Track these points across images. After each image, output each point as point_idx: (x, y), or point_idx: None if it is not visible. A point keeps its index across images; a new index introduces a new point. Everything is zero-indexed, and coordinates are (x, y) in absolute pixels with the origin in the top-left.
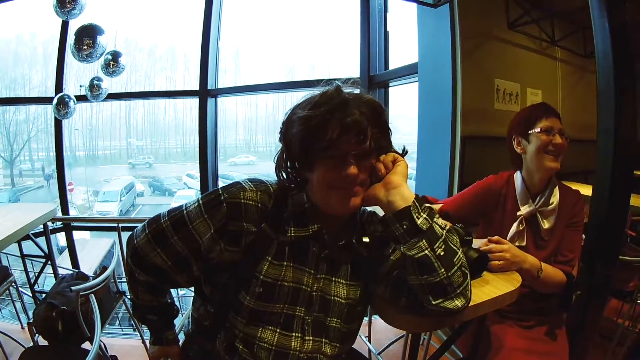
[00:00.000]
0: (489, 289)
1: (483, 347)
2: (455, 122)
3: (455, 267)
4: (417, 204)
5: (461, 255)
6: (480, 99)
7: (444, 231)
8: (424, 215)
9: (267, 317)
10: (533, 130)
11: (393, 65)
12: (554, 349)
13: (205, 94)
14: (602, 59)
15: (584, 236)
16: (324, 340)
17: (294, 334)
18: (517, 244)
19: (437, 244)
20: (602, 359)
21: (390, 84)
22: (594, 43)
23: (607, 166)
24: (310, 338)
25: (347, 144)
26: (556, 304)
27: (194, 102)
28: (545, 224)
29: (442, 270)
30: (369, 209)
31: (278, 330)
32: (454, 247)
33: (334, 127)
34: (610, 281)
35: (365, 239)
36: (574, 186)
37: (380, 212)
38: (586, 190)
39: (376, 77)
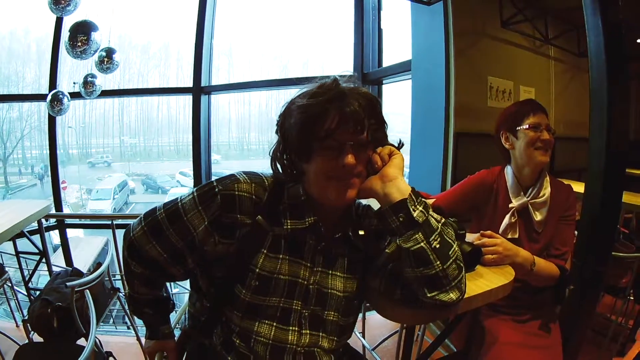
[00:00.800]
0: (482, 282)
1: (477, 341)
2: (449, 119)
3: (451, 260)
4: (413, 197)
5: (456, 249)
6: (473, 96)
7: (440, 224)
8: (420, 208)
9: (264, 311)
10: (521, 127)
11: (386, 62)
12: (547, 342)
13: (199, 90)
14: (595, 58)
15: (576, 232)
16: (321, 333)
17: (291, 328)
18: (509, 236)
19: (432, 237)
20: (595, 355)
21: (384, 81)
22: (587, 42)
23: (599, 164)
24: (308, 332)
25: (345, 134)
26: (550, 297)
27: (187, 99)
28: (538, 216)
29: (438, 262)
30: (364, 202)
31: (275, 324)
32: (450, 240)
33: (333, 117)
34: (602, 277)
35: (361, 232)
36: (567, 183)
37: (375, 205)
38: (579, 187)
39: (370, 75)
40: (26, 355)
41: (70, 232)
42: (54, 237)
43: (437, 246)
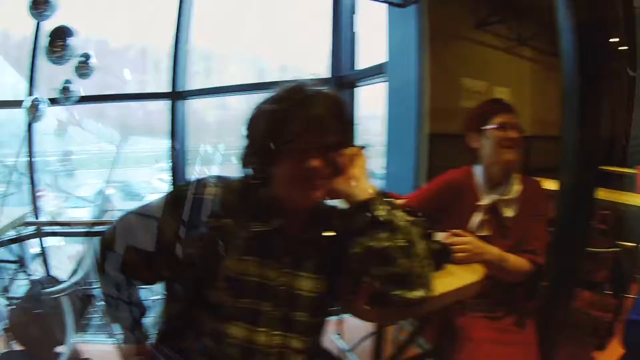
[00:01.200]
0: (452, 280)
1: (450, 338)
2: (422, 121)
3: (416, 258)
4: (377, 197)
5: (422, 247)
6: (447, 97)
7: (406, 223)
8: (385, 207)
9: (234, 313)
10: (487, 127)
11: (361, 65)
12: (522, 338)
13: (176, 95)
14: (567, 58)
15: (551, 228)
16: (291, 334)
17: (261, 329)
18: (480, 234)
19: (397, 235)
20: (574, 349)
21: (359, 84)
22: (559, 42)
23: (572, 162)
24: (278, 333)
25: (310, 137)
26: (523, 293)
27: (165, 105)
28: (508, 213)
29: (403, 260)
30: (331, 203)
31: (245, 326)
32: (415, 239)
33: (298, 121)
34: (577, 273)
35: (328, 233)
36: (544, 182)
37: (342, 206)
38: (556, 185)
39: (344, 78)
40: None
41: (48, 241)
42: (32, 246)
43: (402, 244)
